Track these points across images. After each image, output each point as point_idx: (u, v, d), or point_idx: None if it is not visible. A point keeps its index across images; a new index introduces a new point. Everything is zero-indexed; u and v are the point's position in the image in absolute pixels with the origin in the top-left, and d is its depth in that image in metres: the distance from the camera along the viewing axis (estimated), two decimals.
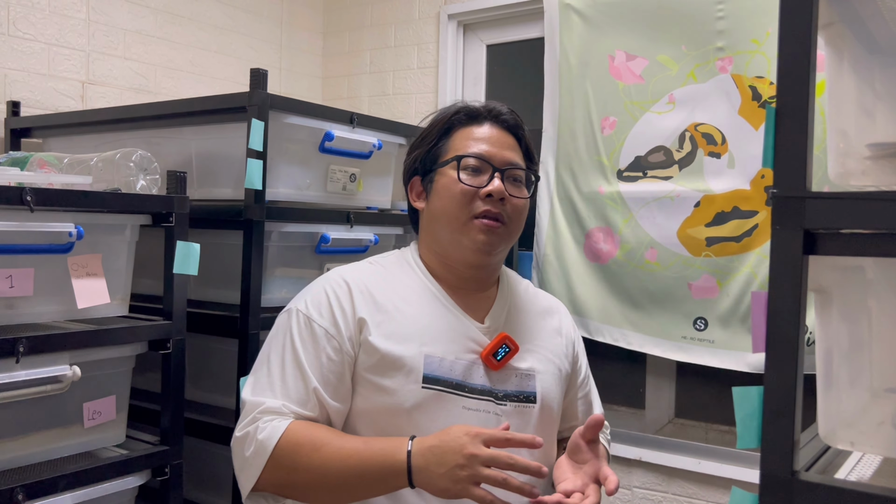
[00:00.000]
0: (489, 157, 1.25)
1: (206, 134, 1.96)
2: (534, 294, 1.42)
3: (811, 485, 0.73)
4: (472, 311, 1.28)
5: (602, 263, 2.52)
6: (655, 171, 2.43)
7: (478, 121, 1.29)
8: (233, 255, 1.82)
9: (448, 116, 1.31)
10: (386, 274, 1.29)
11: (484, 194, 1.23)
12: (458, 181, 1.23)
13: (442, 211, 1.26)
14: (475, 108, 1.30)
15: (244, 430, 1.16)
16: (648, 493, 2.47)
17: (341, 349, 1.19)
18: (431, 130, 1.32)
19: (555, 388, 1.29)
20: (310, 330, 1.20)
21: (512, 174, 1.27)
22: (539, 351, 1.30)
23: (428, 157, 1.30)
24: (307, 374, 1.17)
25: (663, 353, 2.41)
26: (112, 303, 1.60)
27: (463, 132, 1.29)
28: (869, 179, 0.84)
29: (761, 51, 2.25)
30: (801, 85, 0.73)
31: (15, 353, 1.37)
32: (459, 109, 1.31)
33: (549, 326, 1.36)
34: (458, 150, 1.26)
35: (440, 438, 1.06)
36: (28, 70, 2.32)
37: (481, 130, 1.28)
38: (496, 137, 1.28)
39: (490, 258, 1.27)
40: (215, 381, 1.92)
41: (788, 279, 0.74)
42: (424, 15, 3.05)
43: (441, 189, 1.26)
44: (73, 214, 1.50)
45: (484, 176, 1.24)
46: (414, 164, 1.33)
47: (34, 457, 1.48)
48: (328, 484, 1.11)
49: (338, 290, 1.23)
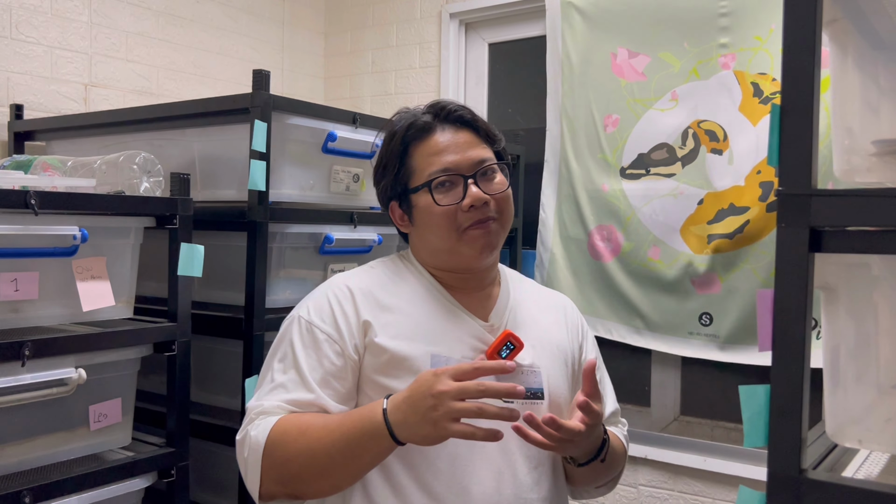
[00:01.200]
0: (455, 168, 1.22)
1: (209, 135, 1.96)
2: (538, 290, 1.41)
3: (819, 483, 0.73)
4: (475, 309, 1.27)
5: (605, 262, 2.52)
6: (658, 169, 2.42)
7: (430, 131, 1.26)
8: (237, 257, 1.82)
9: (400, 137, 1.27)
10: (388, 276, 1.29)
11: (466, 206, 1.21)
12: (435, 205, 1.22)
13: (431, 233, 1.25)
14: (423, 120, 1.27)
15: (242, 433, 1.18)
16: (654, 491, 2.47)
17: (343, 353, 1.19)
18: (390, 156, 1.29)
19: (563, 383, 1.28)
20: (312, 335, 1.21)
21: (483, 171, 1.24)
22: (545, 346, 1.29)
23: (397, 184, 1.28)
24: (307, 379, 1.18)
25: (670, 349, 2.42)
26: (117, 305, 1.60)
27: (420, 149, 1.26)
28: (874, 176, 0.84)
29: (764, 48, 2.24)
30: (805, 82, 0.73)
31: (20, 356, 1.37)
32: (409, 125, 1.27)
33: (555, 321, 1.35)
34: (423, 171, 1.24)
35: (410, 388, 1.05)
36: (31, 73, 2.33)
37: (437, 140, 1.25)
38: (453, 142, 1.25)
39: (492, 256, 1.27)
40: (220, 383, 1.92)
41: (794, 277, 0.73)
42: (426, 14, 3.05)
43: (423, 214, 1.25)
44: (78, 217, 1.51)
45: (458, 188, 1.22)
46: (386, 194, 1.31)
47: (41, 459, 1.48)
48: (319, 464, 1.11)
49: (339, 295, 1.23)
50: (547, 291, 1.44)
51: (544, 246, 2.65)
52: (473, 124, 1.29)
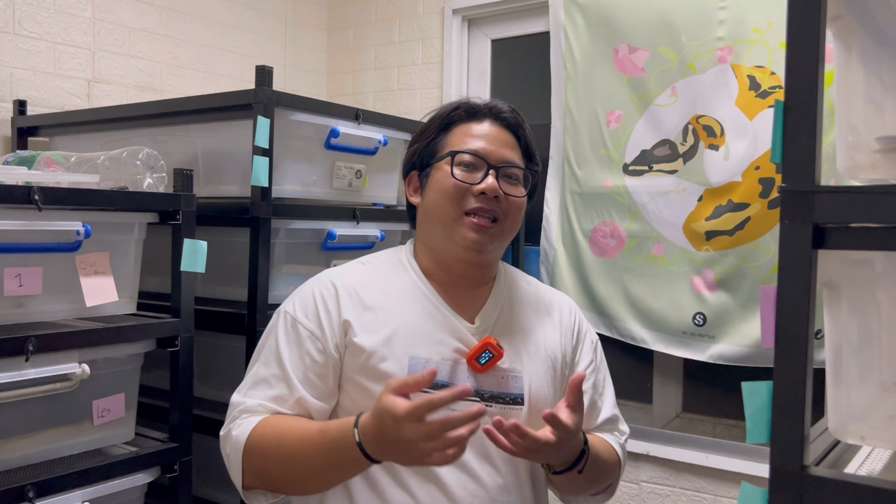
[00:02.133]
0: (485, 154, 1.24)
1: (212, 131, 1.96)
2: (536, 290, 1.39)
3: (821, 480, 0.73)
4: (464, 309, 1.26)
5: (608, 258, 2.52)
6: (661, 165, 2.42)
7: (477, 118, 1.28)
8: (240, 253, 1.82)
9: (448, 112, 1.30)
10: (376, 274, 1.29)
11: (477, 191, 1.22)
12: (451, 176, 1.23)
13: (434, 205, 1.25)
14: (476, 105, 1.30)
15: (225, 430, 1.20)
16: (656, 488, 2.47)
17: (325, 351, 1.20)
18: (430, 126, 1.31)
19: (548, 388, 1.26)
20: (295, 331, 1.22)
21: (508, 172, 1.25)
22: (532, 351, 1.27)
23: (426, 152, 1.30)
24: (289, 374, 1.19)
25: (665, 349, 2.41)
26: (120, 301, 1.61)
27: (461, 128, 1.28)
28: (878, 173, 0.84)
29: (763, 41, 2.23)
30: (809, 78, 0.73)
31: (24, 351, 1.37)
32: (459, 105, 1.30)
33: (547, 323, 1.33)
34: (454, 146, 1.26)
35: (376, 426, 1.03)
36: (34, 69, 2.33)
37: (480, 127, 1.27)
38: (494, 135, 1.27)
39: (481, 256, 1.25)
40: (223, 378, 1.93)
41: (797, 274, 0.73)
42: (429, 10, 3.05)
43: (435, 184, 1.26)
44: (81, 213, 1.51)
45: (478, 173, 1.23)
46: (412, 159, 1.33)
47: (44, 454, 1.49)
48: (297, 475, 1.13)
49: (325, 293, 1.24)
50: (547, 292, 1.41)
51: (548, 242, 2.65)
52: (519, 133, 1.30)
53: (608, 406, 1.35)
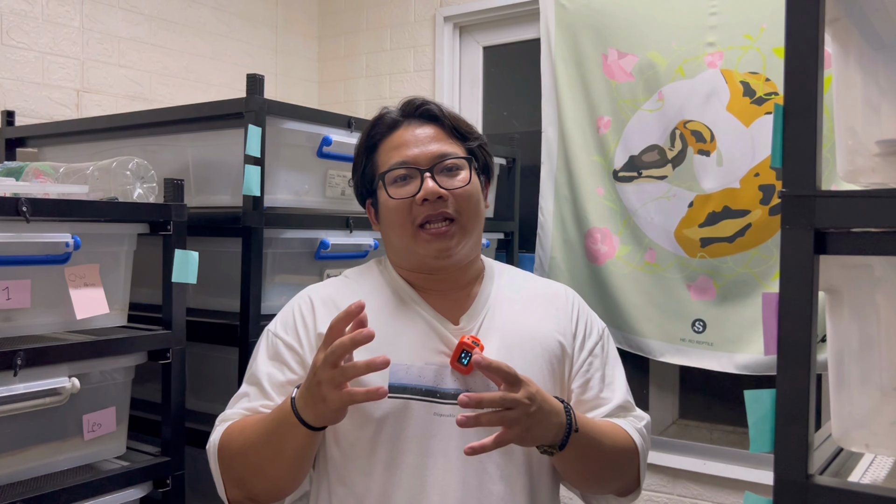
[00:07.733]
0: (413, 161, 1.21)
1: (203, 141, 1.94)
2: (528, 284, 1.35)
3: (826, 489, 0.72)
4: (449, 311, 1.24)
5: (600, 265, 2.51)
6: (650, 171, 2.41)
7: (396, 127, 1.27)
8: (232, 263, 1.80)
9: (367, 135, 1.30)
10: (355, 285, 1.29)
11: (420, 200, 1.19)
12: (389, 198, 1.22)
13: (389, 229, 1.25)
14: (390, 116, 1.28)
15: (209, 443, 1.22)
16: (653, 495, 2.46)
17: (303, 363, 1.21)
18: (358, 153, 1.31)
19: (542, 381, 1.20)
20: (275, 347, 1.24)
21: (443, 166, 1.22)
22: (523, 345, 1.22)
23: (364, 182, 1.29)
24: (265, 387, 1.21)
25: (662, 357, 2.40)
26: (111, 313, 1.59)
27: (385, 144, 1.27)
28: (878, 177, 0.83)
29: (755, 46, 2.23)
30: (808, 83, 0.72)
31: (13, 365, 1.35)
32: (375, 124, 1.29)
33: (542, 315, 1.28)
34: (383, 166, 1.24)
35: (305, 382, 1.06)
36: (22, 79, 2.31)
37: (400, 136, 1.25)
38: (415, 136, 1.24)
39: (452, 259, 1.23)
40: (216, 391, 1.90)
41: (799, 279, 0.73)
42: (420, 18, 3.04)
43: (382, 208, 1.25)
44: (70, 224, 1.49)
45: (414, 182, 1.21)
46: (358, 191, 1.33)
47: (34, 470, 1.47)
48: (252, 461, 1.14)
49: (302, 306, 1.26)
50: (541, 283, 1.38)
51: (544, 249, 2.64)
52: (440, 119, 1.27)
53: (620, 393, 1.28)
